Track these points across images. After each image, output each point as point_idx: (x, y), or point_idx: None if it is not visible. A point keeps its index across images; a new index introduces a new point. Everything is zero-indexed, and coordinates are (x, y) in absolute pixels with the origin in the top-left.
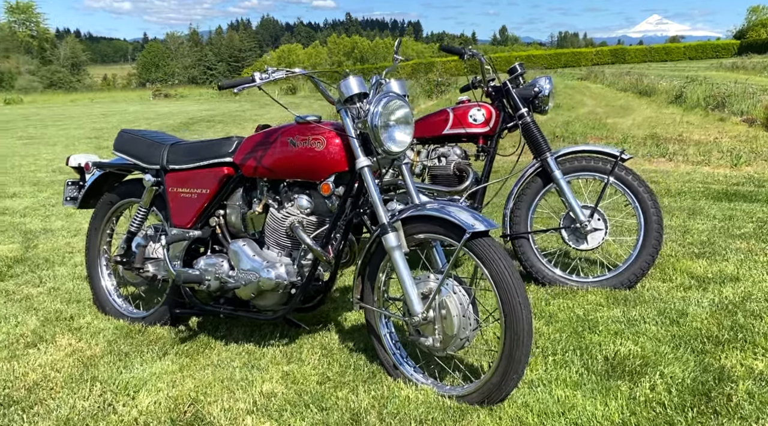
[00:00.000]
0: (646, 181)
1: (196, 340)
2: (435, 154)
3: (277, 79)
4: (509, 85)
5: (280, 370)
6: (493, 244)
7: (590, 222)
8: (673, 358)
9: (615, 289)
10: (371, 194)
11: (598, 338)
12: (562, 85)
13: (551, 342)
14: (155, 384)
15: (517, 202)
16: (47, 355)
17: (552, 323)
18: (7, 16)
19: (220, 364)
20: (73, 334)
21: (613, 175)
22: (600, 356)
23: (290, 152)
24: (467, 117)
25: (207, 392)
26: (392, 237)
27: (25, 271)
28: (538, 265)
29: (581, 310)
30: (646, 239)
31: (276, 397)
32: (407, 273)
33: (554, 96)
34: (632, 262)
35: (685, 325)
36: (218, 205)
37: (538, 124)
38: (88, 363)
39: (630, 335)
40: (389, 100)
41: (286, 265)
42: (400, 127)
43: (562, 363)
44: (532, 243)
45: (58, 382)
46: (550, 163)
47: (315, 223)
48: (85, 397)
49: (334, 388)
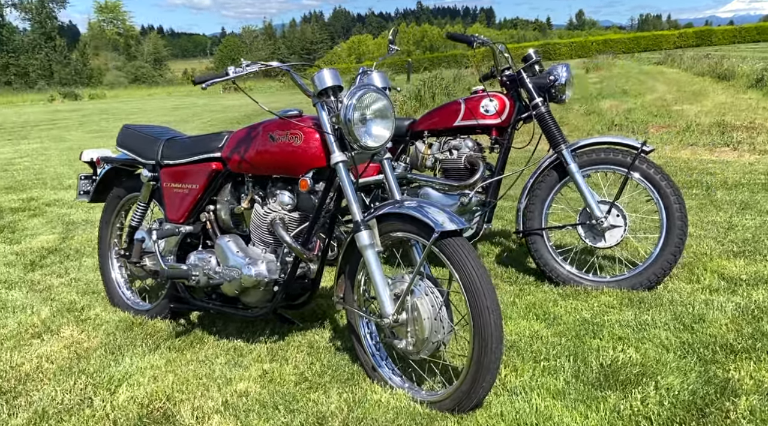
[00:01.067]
0: (669, 175)
1: (190, 334)
2: (446, 146)
3: (250, 73)
4: (524, 73)
5: (261, 368)
6: (464, 245)
7: (607, 218)
8: (675, 367)
9: (633, 289)
10: (345, 191)
11: (599, 343)
12: (635, 70)
13: (546, 346)
14: (138, 379)
15: (531, 196)
16: (47, 346)
17: (554, 326)
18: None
19: (204, 360)
20: (78, 325)
21: (634, 168)
22: (595, 363)
23: (269, 147)
24: (479, 108)
25: (183, 389)
26: (365, 235)
27: (55, 262)
28: (552, 263)
29: (589, 312)
30: (668, 237)
31: (248, 396)
32: (379, 273)
33: (573, 85)
34: (653, 262)
35: (700, 332)
36: (208, 200)
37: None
38: (82, 355)
39: (634, 341)
40: (364, 93)
41: (268, 263)
42: (377, 121)
43: (551, 370)
44: (547, 240)
45: (48, 373)
46: (566, 156)
47: (298, 220)
48: (68, 390)
49: (308, 389)
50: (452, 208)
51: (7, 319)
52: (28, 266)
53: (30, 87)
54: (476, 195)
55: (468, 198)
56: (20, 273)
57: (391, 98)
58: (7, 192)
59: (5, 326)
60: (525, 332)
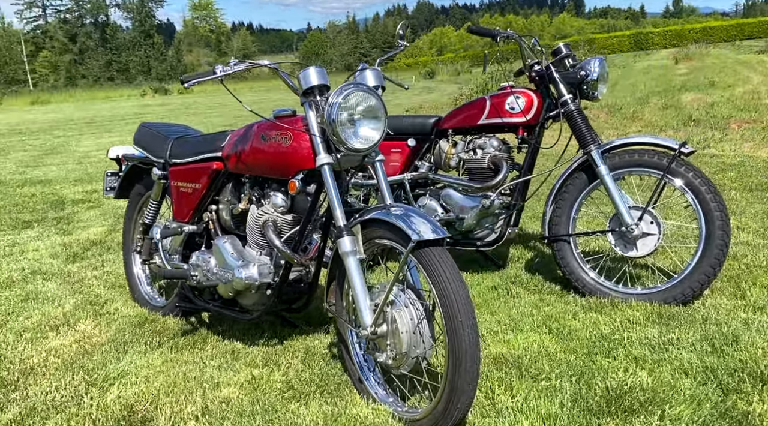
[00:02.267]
0: (710, 180)
1: (195, 334)
2: (471, 146)
3: (237, 71)
4: (553, 68)
5: (251, 373)
6: (441, 256)
7: (639, 226)
8: (690, 395)
9: (666, 304)
10: (329, 194)
11: (610, 363)
12: (731, 60)
13: (552, 363)
14: (131, 378)
15: (558, 200)
16: (60, 339)
17: (566, 341)
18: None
19: (198, 362)
20: (95, 319)
21: (670, 171)
22: (601, 386)
23: (261, 148)
24: (504, 105)
25: (169, 392)
26: (347, 241)
27: (95, 254)
28: (579, 273)
29: (609, 327)
30: (706, 247)
31: (229, 403)
32: (359, 281)
33: (606, 80)
34: (688, 274)
35: (729, 356)
36: (211, 200)
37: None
38: (88, 351)
39: (651, 362)
40: (351, 92)
41: (260, 266)
42: (366, 121)
43: (549, 391)
44: (574, 247)
45: (51, 368)
46: (595, 157)
47: (291, 223)
48: (63, 386)
49: (290, 399)
50: (474, 210)
51: (34, 310)
52: (69, 258)
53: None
54: (499, 197)
55: (490, 200)
56: (61, 264)
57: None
58: (75, 184)
59: (30, 317)
60: (533, 347)
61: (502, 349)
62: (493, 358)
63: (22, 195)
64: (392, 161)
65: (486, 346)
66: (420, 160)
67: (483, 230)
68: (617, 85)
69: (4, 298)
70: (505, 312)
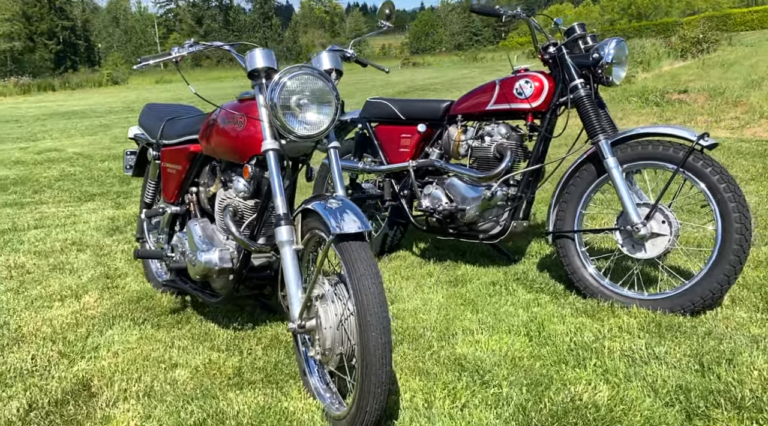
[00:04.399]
0: (731, 177)
1: (181, 313)
2: (480, 133)
3: (193, 53)
4: (564, 50)
5: (209, 357)
6: (360, 250)
7: (646, 225)
8: (646, 417)
9: (671, 312)
10: (272, 182)
11: (576, 375)
12: None
13: (512, 370)
14: (102, 352)
15: (564, 193)
16: (60, 310)
17: (540, 346)
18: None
19: (168, 342)
20: (100, 292)
21: (686, 166)
22: (552, 399)
23: (222, 131)
24: (513, 90)
25: (126, 369)
26: (284, 230)
27: (134, 229)
28: (581, 272)
29: (594, 335)
30: (722, 252)
31: (174, 385)
32: (293, 272)
33: (625, 63)
34: (700, 281)
35: (714, 375)
36: (192, 182)
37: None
38: (78, 322)
39: (621, 377)
40: (295, 75)
41: (222, 251)
42: (313, 106)
43: (494, 400)
44: (578, 245)
45: (40, 336)
46: (603, 148)
47: (253, 208)
48: (39, 355)
49: (233, 386)
50: (476, 201)
51: (55, 280)
52: (110, 231)
53: None
54: (503, 188)
55: (491, 191)
56: (100, 237)
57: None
58: None
59: (48, 287)
60: (501, 350)
61: (467, 350)
62: (453, 360)
63: (99, 169)
64: (402, 147)
65: (453, 346)
66: (431, 146)
67: (487, 222)
68: (734, 65)
69: (37, 266)
70: (491, 311)
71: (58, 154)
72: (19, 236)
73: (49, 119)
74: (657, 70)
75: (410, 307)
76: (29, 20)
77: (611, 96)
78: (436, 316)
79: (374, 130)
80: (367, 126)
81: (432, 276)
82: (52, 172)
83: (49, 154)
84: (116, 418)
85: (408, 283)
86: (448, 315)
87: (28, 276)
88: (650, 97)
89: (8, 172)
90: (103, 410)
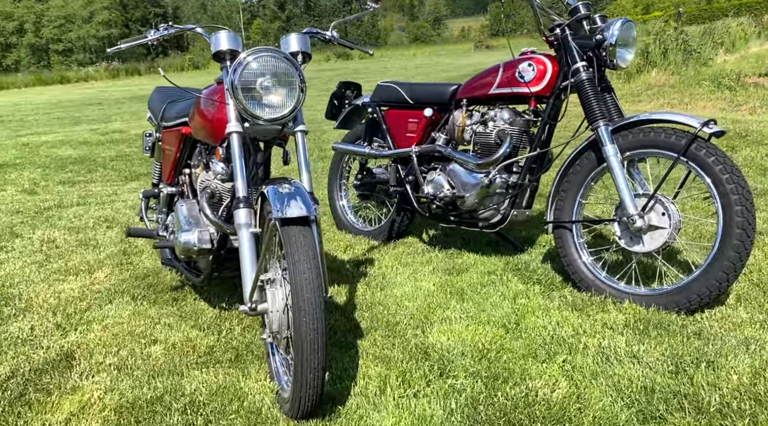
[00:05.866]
0: (736, 167)
1: (179, 291)
2: (484, 118)
3: (168, 35)
4: (568, 31)
5: (188, 335)
6: (299, 235)
7: (642, 217)
8: (596, 417)
9: (667, 309)
10: (234, 163)
11: (540, 370)
12: None
13: (475, 362)
14: (93, 326)
15: (563, 182)
16: (72, 283)
17: (514, 340)
18: None
19: (155, 318)
20: (112, 269)
21: (688, 154)
22: (504, 394)
23: (199, 113)
24: (515, 73)
25: (108, 343)
26: (242, 213)
27: None
28: (577, 264)
29: (575, 329)
30: (722, 248)
31: (147, 360)
32: (249, 256)
33: (632, 45)
34: (698, 277)
35: (686, 379)
36: (185, 164)
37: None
38: (83, 296)
39: (587, 375)
40: (256, 57)
41: (201, 232)
42: (276, 89)
43: (447, 391)
44: (576, 235)
45: (43, 309)
46: (602, 134)
47: (231, 191)
48: (37, 326)
49: (200, 364)
50: (475, 188)
51: (78, 256)
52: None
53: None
54: (502, 175)
55: (489, 178)
56: (132, 215)
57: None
58: None
59: (69, 261)
60: (473, 341)
61: (439, 340)
62: (422, 348)
63: None
64: (409, 132)
65: (427, 334)
66: (438, 131)
67: (487, 210)
68: None
69: (66, 242)
70: (477, 301)
71: (120, 135)
72: (60, 213)
73: (127, 102)
74: (743, 51)
75: (399, 293)
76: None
77: (681, 80)
78: (420, 304)
79: (384, 115)
80: (377, 110)
81: (431, 263)
82: (110, 152)
83: (113, 136)
84: (83, 389)
85: (405, 270)
86: (433, 303)
87: (55, 250)
88: (724, 81)
89: (72, 151)
90: (74, 381)
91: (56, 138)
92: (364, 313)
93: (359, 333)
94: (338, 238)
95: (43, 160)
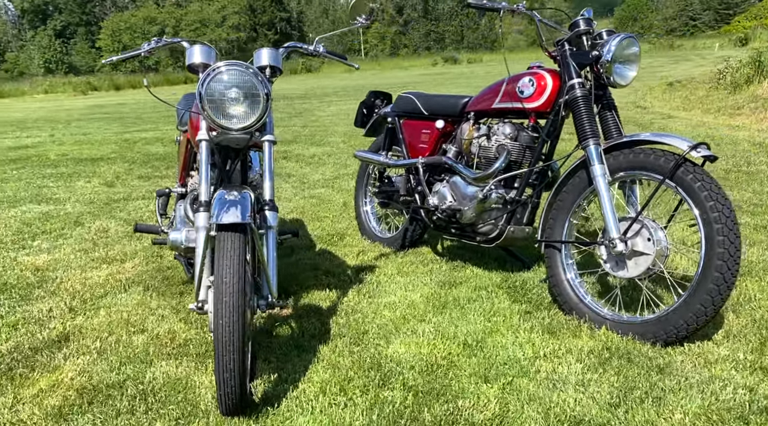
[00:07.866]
0: (723, 194)
1: (188, 286)
2: (489, 131)
3: (158, 47)
4: (566, 46)
5: (174, 327)
6: (227, 241)
7: (624, 241)
8: None
9: (642, 339)
10: (200, 169)
11: (479, 390)
12: None
13: (417, 376)
14: (100, 312)
15: (555, 200)
16: (101, 271)
17: (468, 357)
18: None
19: (155, 309)
20: (141, 260)
21: (674, 178)
22: (431, 410)
23: (190, 121)
24: (516, 88)
25: (103, 329)
26: (201, 217)
27: None
28: (563, 285)
29: (534, 353)
30: (703, 279)
31: (129, 348)
32: (201, 257)
33: (634, 62)
34: (677, 309)
35: (621, 414)
36: (192, 167)
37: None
38: (103, 284)
39: (520, 401)
40: (223, 71)
41: (189, 231)
42: (240, 100)
43: (377, 403)
44: (564, 256)
45: (65, 293)
46: (591, 154)
47: None
48: (54, 308)
49: (170, 355)
50: (472, 201)
51: (121, 245)
52: None
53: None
54: (498, 189)
55: (484, 192)
56: None
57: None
58: (288, 144)
59: (112, 250)
60: (428, 355)
61: (396, 351)
62: (375, 359)
63: None
64: (422, 143)
65: (388, 345)
66: (449, 143)
67: (485, 225)
68: None
69: (116, 232)
70: (454, 316)
71: None
72: (124, 205)
73: None
74: None
75: (383, 302)
76: (254, 12)
77: None
78: (398, 315)
79: (401, 125)
80: (396, 120)
81: (430, 275)
82: None
83: None
84: (62, 369)
85: (401, 279)
86: (409, 315)
87: (104, 240)
88: None
89: (160, 149)
90: (57, 361)
91: (155, 135)
92: (340, 319)
93: (325, 339)
94: (354, 244)
95: (133, 156)
